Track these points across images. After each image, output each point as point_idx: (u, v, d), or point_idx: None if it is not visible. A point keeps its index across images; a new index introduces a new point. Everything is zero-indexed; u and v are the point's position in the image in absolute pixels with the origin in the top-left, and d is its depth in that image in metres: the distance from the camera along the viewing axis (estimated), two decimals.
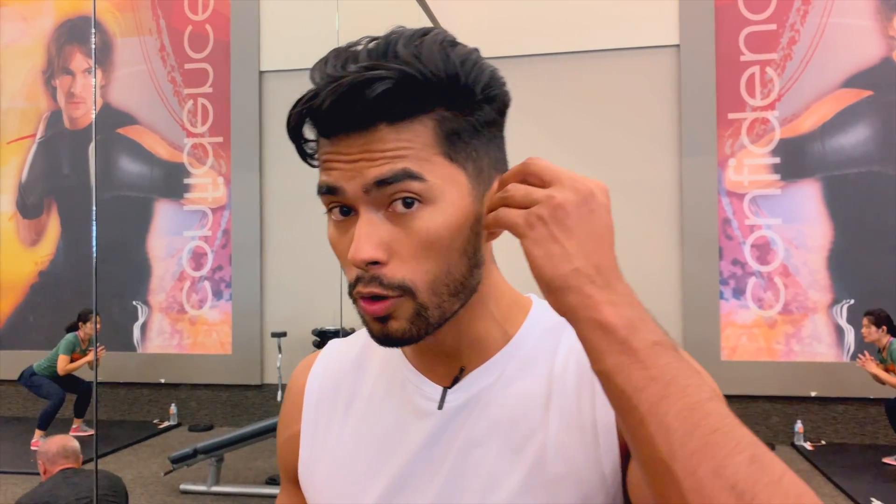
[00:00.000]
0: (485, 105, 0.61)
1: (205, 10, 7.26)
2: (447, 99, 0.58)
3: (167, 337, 7.24)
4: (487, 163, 0.62)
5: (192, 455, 4.89)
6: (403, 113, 0.57)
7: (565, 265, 0.54)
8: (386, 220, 0.58)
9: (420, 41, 0.57)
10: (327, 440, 0.73)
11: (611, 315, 0.52)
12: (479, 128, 0.61)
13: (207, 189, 7.23)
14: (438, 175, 0.58)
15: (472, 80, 0.59)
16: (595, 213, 0.56)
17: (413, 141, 0.57)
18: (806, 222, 6.10)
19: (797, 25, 6.14)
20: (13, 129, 7.66)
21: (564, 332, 0.68)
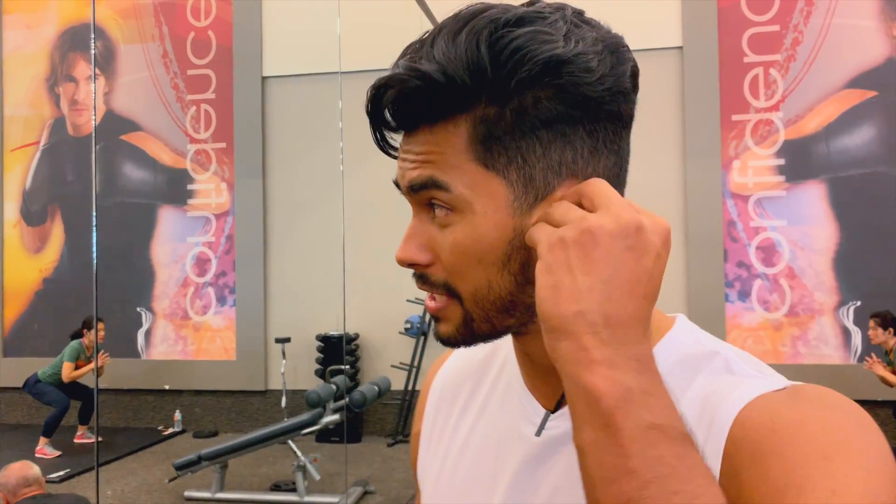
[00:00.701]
0: (537, 98, 0.51)
1: (207, 16, 7.27)
2: (484, 95, 0.51)
3: (171, 343, 7.23)
4: (544, 168, 0.52)
5: (197, 461, 4.88)
6: (435, 115, 0.53)
7: (570, 304, 0.46)
8: (431, 221, 0.55)
9: (459, 31, 0.51)
10: (441, 444, 0.70)
11: (601, 379, 0.43)
12: (530, 127, 0.51)
13: (211, 195, 7.23)
14: (468, 183, 0.52)
15: (505, 71, 0.50)
16: (634, 251, 0.46)
17: (444, 145, 0.53)
18: (811, 224, 6.07)
19: (801, 26, 6.12)
20: (17, 137, 7.67)
21: (706, 368, 0.55)
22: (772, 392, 0.49)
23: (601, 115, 0.52)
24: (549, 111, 0.51)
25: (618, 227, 0.46)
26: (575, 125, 0.52)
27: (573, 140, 0.52)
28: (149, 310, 7.28)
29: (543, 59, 0.49)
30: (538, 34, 0.50)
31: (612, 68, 0.52)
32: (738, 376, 0.53)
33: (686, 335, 0.58)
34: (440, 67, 0.50)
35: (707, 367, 0.55)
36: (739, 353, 0.56)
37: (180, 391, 7.18)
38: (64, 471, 5.59)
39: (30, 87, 7.68)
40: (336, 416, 5.16)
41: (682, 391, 0.53)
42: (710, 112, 6.23)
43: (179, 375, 7.16)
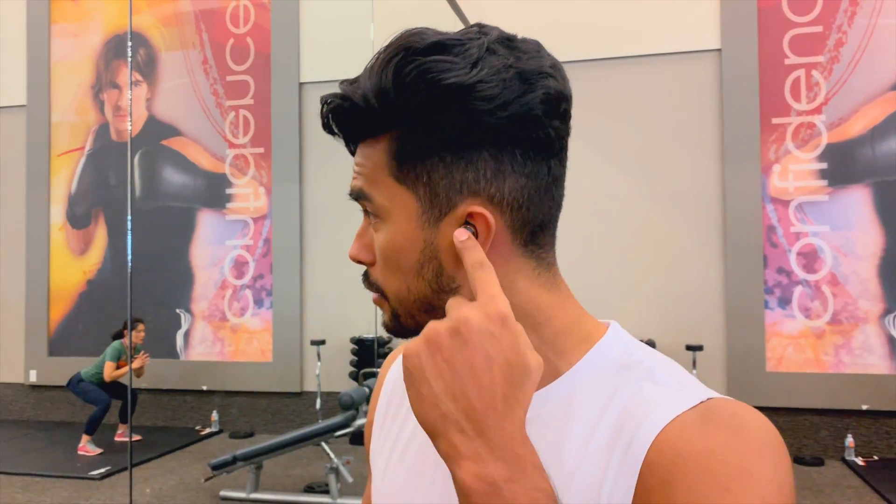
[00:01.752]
0: (439, 122, 0.54)
1: (246, 23, 7.40)
2: (394, 119, 0.56)
3: (209, 344, 7.36)
4: (446, 186, 0.56)
5: (232, 462, 4.95)
6: (362, 133, 0.59)
7: (432, 410, 0.48)
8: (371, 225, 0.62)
9: (380, 58, 0.56)
10: (390, 435, 0.72)
11: (468, 475, 0.46)
12: (433, 148, 0.55)
13: (249, 199, 7.34)
14: (387, 196, 0.58)
15: (407, 97, 0.54)
16: (470, 344, 0.48)
17: (370, 159, 0.59)
18: (855, 229, 5.91)
19: (844, 27, 5.97)
20: (63, 142, 7.90)
21: (629, 377, 0.57)
22: (687, 412, 0.52)
23: (505, 139, 0.55)
24: (451, 135, 0.54)
25: (451, 325, 0.49)
26: (478, 148, 0.55)
27: (476, 162, 0.55)
28: (188, 311, 7.42)
29: (443, 85, 0.53)
30: (441, 63, 0.53)
31: (520, 96, 0.54)
32: (659, 386, 0.55)
33: (614, 344, 0.60)
34: (361, 92, 0.56)
35: (630, 377, 0.57)
36: (665, 362, 0.59)
37: (217, 392, 7.30)
38: (105, 468, 5.73)
39: (76, 94, 7.90)
40: None
41: (607, 401, 0.56)
42: (750, 115, 6.11)
43: (217, 376, 7.28)
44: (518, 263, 0.59)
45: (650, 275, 6.28)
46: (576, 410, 0.57)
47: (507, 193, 0.56)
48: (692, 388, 0.55)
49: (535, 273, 0.59)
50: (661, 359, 0.59)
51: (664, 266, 6.22)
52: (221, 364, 7.30)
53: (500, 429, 0.47)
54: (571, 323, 0.61)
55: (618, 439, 0.53)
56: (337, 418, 5.13)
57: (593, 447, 0.55)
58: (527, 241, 0.59)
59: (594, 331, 0.61)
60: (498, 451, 0.46)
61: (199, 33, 7.53)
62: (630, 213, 6.35)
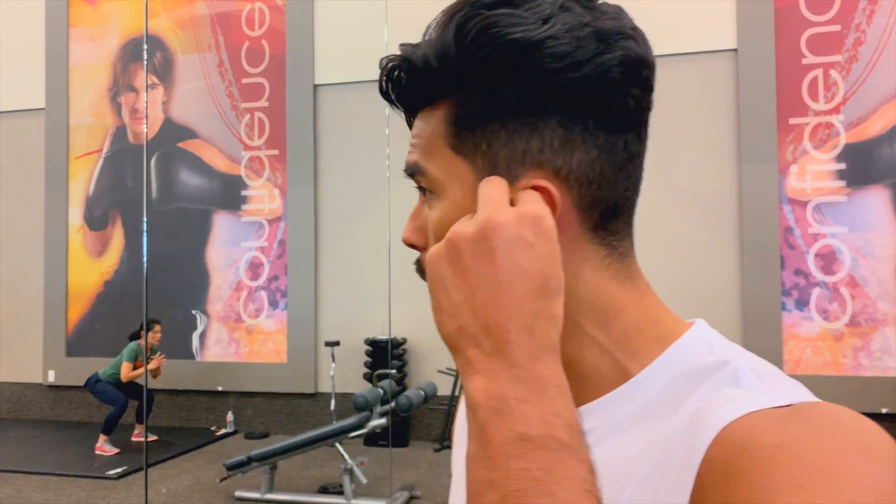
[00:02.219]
0: (503, 83, 0.49)
1: (261, 26, 7.44)
2: (456, 80, 0.51)
3: (224, 345, 7.40)
4: (507, 156, 0.50)
5: (247, 462, 4.97)
6: (421, 100, 0.54)
7: (451, 322, 0.45)
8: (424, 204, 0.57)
9: (443, 15, 0.51)
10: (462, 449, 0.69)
11: (479, 391, 0.42)
12: (495, 113, 0.50)
13: (264, 201, 7.38)
14: (443, 168, 0.53)
15: (468, 55, 0.49)
16: (497, 252, 0.44)
17: (427, 130, 0.54)
18: (874, 230, 5.84)
19: (863, 26, 5.91)
20: (81, 145, 7.98)
21: (709, 380, 0.49)
22: (769, 409, 0.43)
23: (575, 105, 0.49)
24: (516, 98, 0.49)
25: (476, 232, 0.45)
26: (545, 114, 0.49)
27: (542, 129, 0.49)
28: (203, 312, 7.47)
29: (507, 42, 0.47)
30: (507, 16, 0.48)
31: (595, 56, 0.48)
32: (741, 389, 0.47)
33: (697, 343, 0.52)
34: (422, 53, 0.51)
35: (711, 379, 0.48)
36: (756, 363, 0.50)
37: (233, 392, 7.34)
38: (122, 468, 5.77)
39: (93, 97, 7.98)
40: (383, 420, 5.19)
41: (678, 405, 0.48)
42: (767, 115, 6.06)
43: (232, 377, 7.32)
44: (586, 250, 0.52)
45: (666, 276, 6.23)
46: (643, 420, 0.50)
47: (576, 167, 0.50)
48: (790, 391, 0.46)
49: (605, 263, 0.53)
50: (752, 360, 0.50)
51: (680, 267, 6.18)
52: (236, 365, 7.34)
53: (522, 345, 0.43)
54: (646, 320, 0.53)
55: (680, 444, 0.45)
56: (351, 419, 5.14)
57: (653, 457, 0.47)
58: (597, 225, 0.52)
59: (673, 329, 0.53)
60: (515, 368, 0.42)
61: (215, 36, 7.58)
62: (646, 214, 6.26)
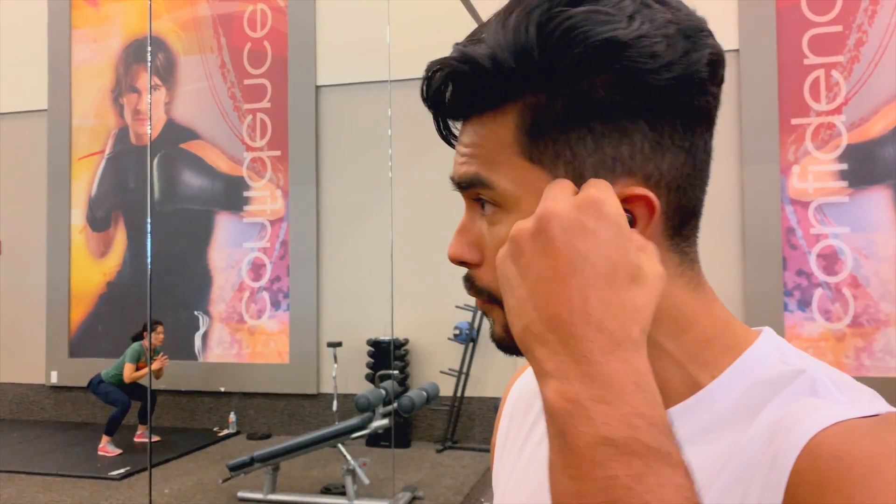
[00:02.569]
0: (592, 85, 0.45)
1: (263, 27, 7.45)
2: (533, 82, 0.47)
3: (227, 346, 7.41)
4: (595, 163, 0.47)
5: (250, 463, 4.98)
6: (483, 103, 0.49)
7: (518, 322, 0.42)
8: (482, 217, 0.52)
9: (512, 12, 0.47)
10: (511, 454, 0.66)
11: (552, 393, 0.39)
12: (581, 117, 0.46)
13: (266, 202, 7.39)
14: (514, 179, 0.48)
15: (555, 55, 0.45)
16: (554, 242, 0.41)
17: (489, 138, 0.49)
18: (876, 231, 5.83)
19: (864, 26, 5.90)
20: (84, 146, 8.00)
21: (785, 389, 0.47)
22: (857, 419, 0.42)
23: (668, 106, 0.46)
24: (605, 100, 0.46)
25: (534, 225, 0.42)
26: (634, 117, 0.46)
27: (631, 133, 0.46)
28: (206, 313, 7.48)
29: (599, 41, 0.44)
30: (595, 13, 0.44)
31: (684, 55, 0.46)
32: (821, 399, 0.45)
33: (768, 352, 0.50)
34: (489, 51, 0.46)
35: (787, 388, 0.47)
36: (832, 372, 0.48)
37: (235, 393, 7.34)
38: (124, 468, 5.78)
39: (96, 98, 7.99)
40: (385, 420, 5.19)
41: (753, 415, 0.46)
42: (769, 116, 6.05)
43: (234, 378, 7.32)
44: (663, 259, 0.48)
45: None
46: (715, 431, 0.48)
47: (666, 172, 0.48)
48: (872, 400, 0.45)
49: (679, 271, 0.50)
50: (828, 369, 0.49)
51: None
52: (239, 366, 7.34)
53: (590, 340, 0.39)
54: (717, 329, 0.51)
55: (763, 455, 0.44)
56: (353, 420, 5.15)
57: (732, 470, 0.45)
58: (675, 232, 0.50)
59: (744, 338, 0.52)
60: (586, 365, 0.39)
61: (217, 37, 7.59)
62: None
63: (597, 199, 0.42)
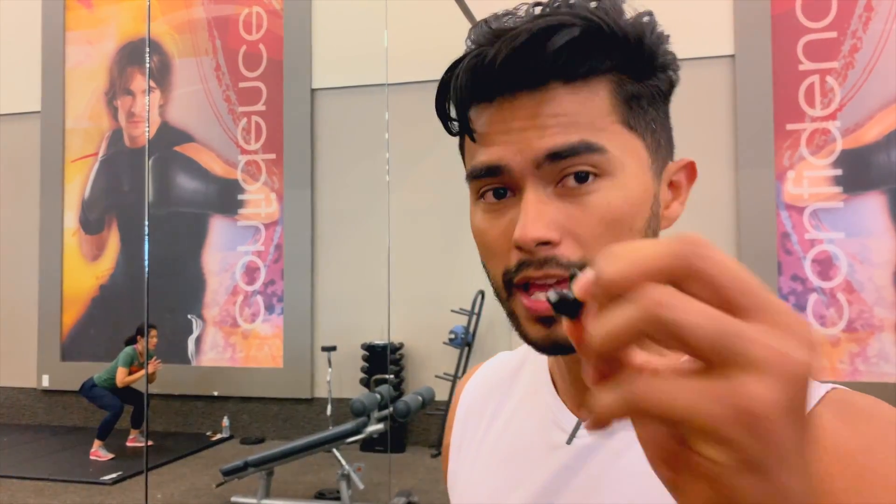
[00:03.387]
0: (661, 74, 0.54)
1: (259, 30, 7.43)
2: (626, 61, 0.51)
3: (220, 350, 7.37)
4: (667, 137, 0.57)
5: (243, 468, 4.94)
6: (582, 70, 0.50)
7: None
8: (556, 196, 0.50)
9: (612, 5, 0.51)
10: (468, 453, 0.68)
11: None
12: (656, 97, 0.54)
13: (260, 205, 7.36)
14: (618, 145, 0.50)
15: (654, 43, 0.52)
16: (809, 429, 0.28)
17: (588, 105, 0.50)
18: (871, 236, 5.86)
19: (859, 33, 5.93)
20: (77, 148, 7.95)
21: None
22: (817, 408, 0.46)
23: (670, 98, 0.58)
24: (664, 87, 0.55)
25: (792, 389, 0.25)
26: (667, 107, 0.57)
27: (666, 118, 0.57)
28: (199, 317, 7.44)
29: (667, 38, 0.54)
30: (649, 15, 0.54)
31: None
32: None
33: None
34: (606, 21, 0.49)
35: None
36: None
37: (229, 397, 7.30)
38: (116, 473, 5.74)
39: (90, 100, 7.96)
40: (380, 425, 5.17)
41: None
42: (764, 121, 6.07)
43: (228, 382, 7.28)
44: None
45: None
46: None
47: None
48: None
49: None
50: None
51: None
52: (232, 370, 7.30)
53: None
54: None
55: None
56: (348, 425, 5.12)
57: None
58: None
59: None
60: None
61: (212, 40, 7.57)
62: None
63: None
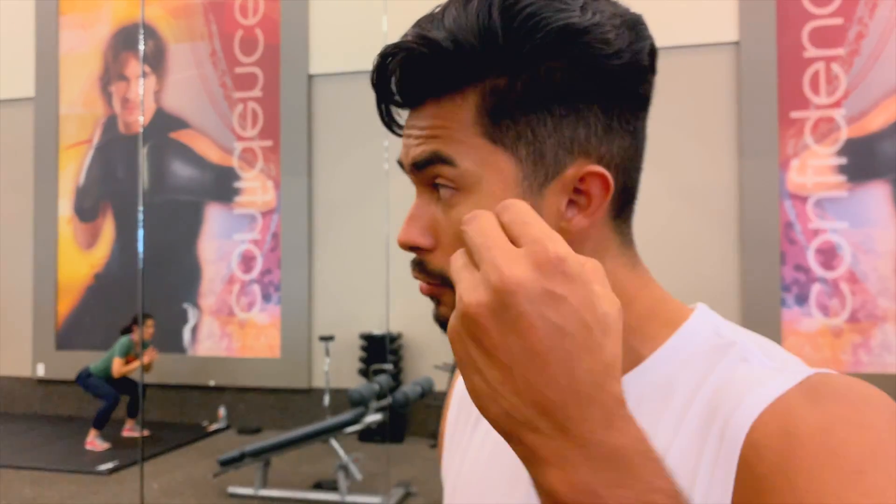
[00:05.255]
0: (551, 68, 0.47)
1: (255, 14, 7.32)
2: (494, 65, 0.48)
3: (217, 340, 7.31)
4: (555, 144, 0.48)
5: (240, 458, 4.90)
6: (442, 87, 0.50)
7: (493, 407, 0.38)
8: (436, 203, 0.52)
9: (470, 2, 0.48)
10: (461, 442, 0.68)
11: (557, 482, 0.36)
12: (541, 100, 0.48)
13: (257, 193, 7.28)
14: (475, 160, 0.49)
15: (518, 38, 0.47)
16: (523, 318, 0.35)
17: (450, 119, 0.50)
18: (875, 226, 5.80)
19: (865, 19, 5.85)
20: (71, 135, 7.85)
21: (721, 360, 0.50)
22: (791, 390, 0.44)
23: (617, 91, 0.50)
24: (563, 83, 0.48)
25: (495, 299, 0.36)
26: (589, 100, 0.49)
27: (587, 116, 0.49)
28: (195, 306, 7.37)
29: (558, 26, 0.46)
30: (552, 2, 0.47)
31: (631, 44, 0.49)
32: (755, 368, 0.48)
33: (703, 326, 0.54)
34: (449, 34, 0.47)
35: (722, 360, 0.50)
36: (762, 342, 0.52)
37: (225, 388, 7.25)
38: (112, 463, 5.69)
39: (84, 86, 7.85)
40: (379, 415, 5.13)
41: (694, 388, 0.49)
42: (768, 109, 6.00)
43: (224, 372, 7.23)
44: (608, 239, 0.53)
45: (665, 271, 6.14)
46: (659, 401, 0.50)
47: (616, 154, 0.50)
48: (794, 366, 0.48)
49: (620, 250, 0.54)
50: (757, 339, 0.52)
51: (679, 262, 6.12)
52: (229, 359, 7.25)
53: (586, 418, 0.36)
54: (655, 305, 0.55)
55: (709, 428, 0.46)
56: (346, 415, 5.07)
57: (680, 441, 0.48)
58: (617, 213, 0.53)
59: (679, 313, 0.55)
60: (590, 447, 0.36)
61: (208, 25, 7.46)
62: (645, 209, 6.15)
63: (558, 257, 0.36)
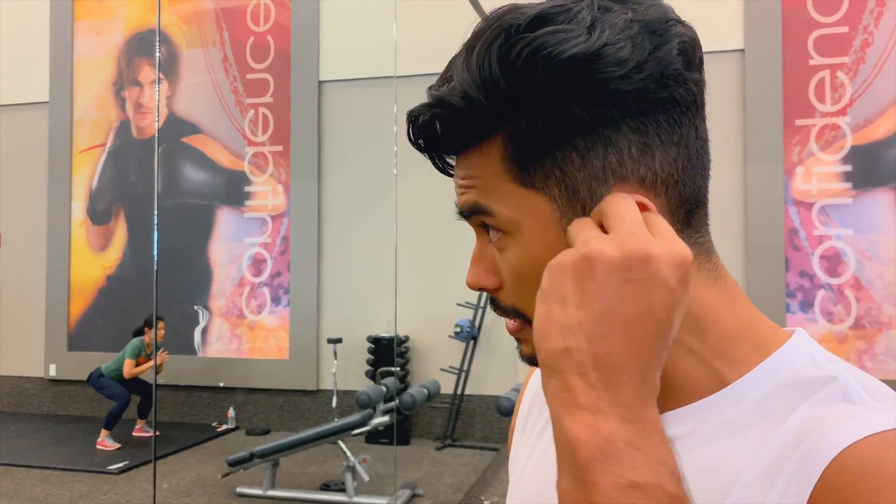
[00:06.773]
0: (565, 103, 0.46)
1: (266, 21, 7.42)
2: (508, 112, 0.48)
3: (226, 341, 7.39)
4: (587, 177, 0.47)
5: (249, 459, 4.96)
6: (466, 141, 0.51)
7: (558, 339, 0.41)
8: (491, 244, 0.53)
9: (473, 47, 0.48)
10: (528, 442, 0.67)
11: (582, 426, 0.39)
12: (562, 136, 0.47)
13: (267, 197, 7.36)
14: (510, 205, 0.50)
15: (521, 82, 0.46)
16: (636, 285, 0.41)
17: (481, 168, 0.50)
18: (880, 233, 5.82)
19: (871, 27, 5.88)
20: (85, 139, 7.97)
21: (816, 394, 0.46)
22: (889, 431, 0.41)
23: (647, 106, 0.47)
24: (582, 115, 0.46)
25: (620, 256, 0.41)
26: (615, 125, 0.47)
27: (616, 142, 0.47)
28: (206, 308, 7.45)
29: (563, 59, 0.45)
30: (554, 33, 0.45)
31: (653, 50, 0.46)
32: (855, 406, 0.44)
33: (799, 354, 0.50)
34: (459, 92, 0.48)
35: (818, 394, 0.46)
36: (865, 380, 0.47)
37: (234, 389, 7.32)
38: (123, 462, 5.77)
39: (97, 91, 7.96)
40: (385, 417, 5.18)
41: (781, 419, 0.46)
42: (773, 116, 6.03)
43: (234, 373, 7.31)
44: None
45: None
46: (740, 429, 0.47)
47: (660, 170, 0.48)
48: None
49: (696, 265, 0.50)
50: (858, 375, 0.48)
51: None
52: (238, 361, 7.32)
53: (633, 388, 0.40)
54: (742, 326, 0.51)
55: (789, 459, 0.43)
56: (353, 417, 5.13)
57: (755, 470, 0.45)
58: (684, 224, 0.51)
59: (773, 337, 0.51)
60: (624, 409, 0.39)
61: (220, 31, 7.56)
62: None
63: (684, 260, 0.43)
